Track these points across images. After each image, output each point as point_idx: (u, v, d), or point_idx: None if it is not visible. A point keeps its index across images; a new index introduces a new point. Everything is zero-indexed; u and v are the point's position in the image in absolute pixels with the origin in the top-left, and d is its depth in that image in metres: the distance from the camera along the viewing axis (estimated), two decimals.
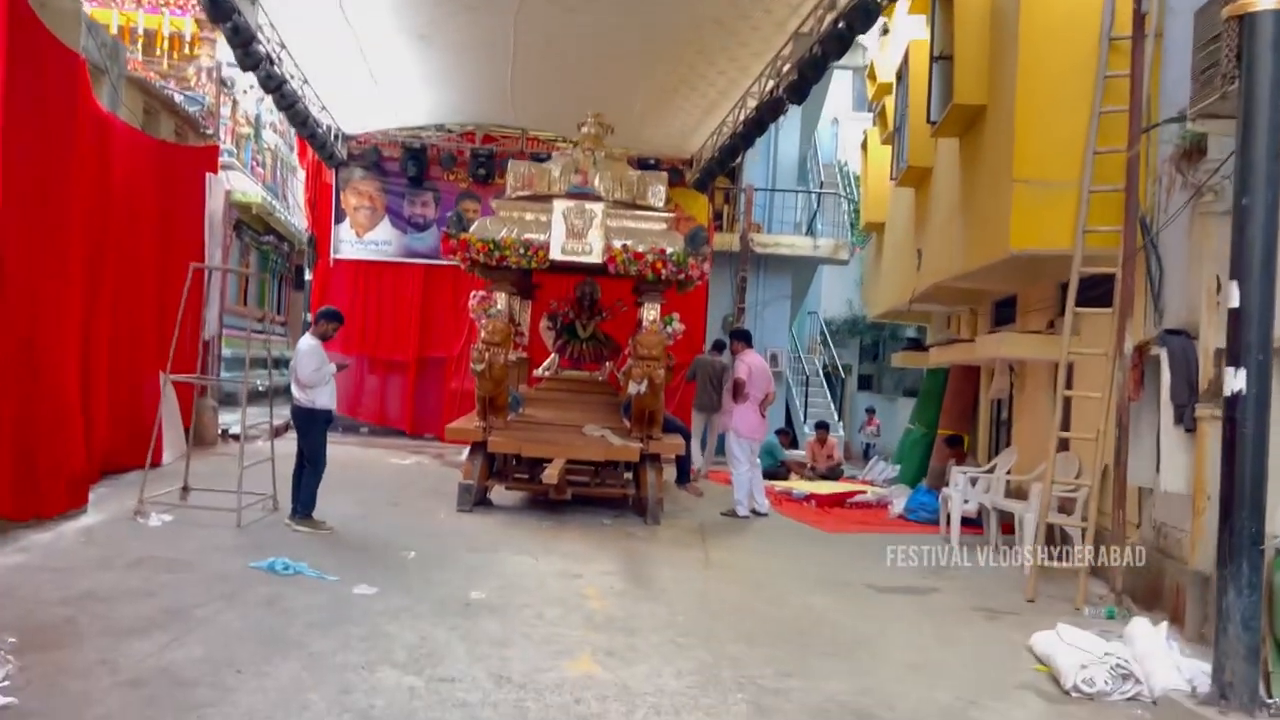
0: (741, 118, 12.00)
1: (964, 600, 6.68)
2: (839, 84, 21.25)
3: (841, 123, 23.02)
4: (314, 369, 7.58)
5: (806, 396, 19.44)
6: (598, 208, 8.68)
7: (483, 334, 8.73)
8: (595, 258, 8.65)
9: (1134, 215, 6.89)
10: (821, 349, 21.88)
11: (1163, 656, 4.81)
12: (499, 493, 9.59)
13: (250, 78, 12.13)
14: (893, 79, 12.27)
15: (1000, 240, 7.73)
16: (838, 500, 11.08)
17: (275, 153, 21.72)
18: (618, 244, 8.62)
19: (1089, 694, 4.71)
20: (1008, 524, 8.71)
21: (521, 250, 8.62)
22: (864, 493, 11.48)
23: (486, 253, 8.63)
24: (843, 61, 11.29)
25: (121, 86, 10.86)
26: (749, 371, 9.61)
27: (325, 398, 7.72)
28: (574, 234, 8.64)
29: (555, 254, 8.63)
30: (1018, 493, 9.09)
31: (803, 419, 18.44)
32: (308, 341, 7.75)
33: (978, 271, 8.75)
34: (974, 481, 9.39)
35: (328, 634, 4.93)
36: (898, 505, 10.51)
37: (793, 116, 16.95)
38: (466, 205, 13.59)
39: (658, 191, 9.36)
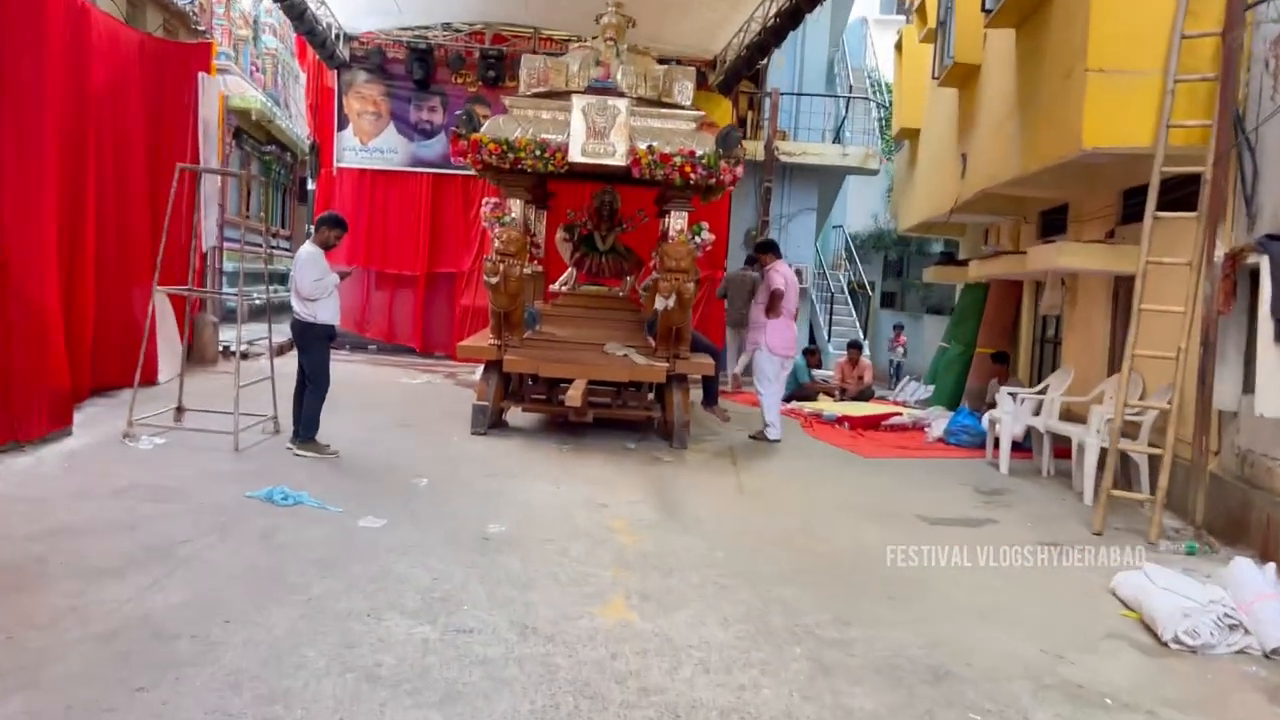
0: (772, 11, 11.07)
1: (1025, 533, 6.12)
2: None
3: (871, 25, 21.81)
4: (315, 279, 6.94)
5: (831, 314, 18.75)
6: (621, 104, 7.90)
7: (496, 244, 8.04)
8: (618, 160, 7.90)
9: (1229, 107, 6.12)
10: (846, 265, 21.08)
11: (1274, 603, 4.23)
12: (515, 414, 9.07)
13: None
14: None
15: (1069, 138, 6.95)
16: (872, 423, 10.47)
17: (276, 58, 20.69)
18: (643, 145, 7.88)
19: (1191, 646, 4.15)
20: (1060, 448, 8.13)
21: (538, 152, 7.88)
22: (899, 414, 10.84)
23: (499, 155, 7.90)
24: None
25: None
26: (785, 283, 8.92)
27: (327, 311, 7.09)
28: (595, 133, 7.88)
29: (575, 155, 7.88)
30: (1070, 415, 8.50)
31: (827, 338, 17.78)
32: (308, 250, 7.09)
33: (1038, 174, 7.97)
34: (1021, 403, 8.77)
35: (330, 575, 4.39)
36: (937, 428, 9.89)
37: (820, 16, 15.91)
38: (476, 110, 12.75)
39: (685, 88, 8.61)
